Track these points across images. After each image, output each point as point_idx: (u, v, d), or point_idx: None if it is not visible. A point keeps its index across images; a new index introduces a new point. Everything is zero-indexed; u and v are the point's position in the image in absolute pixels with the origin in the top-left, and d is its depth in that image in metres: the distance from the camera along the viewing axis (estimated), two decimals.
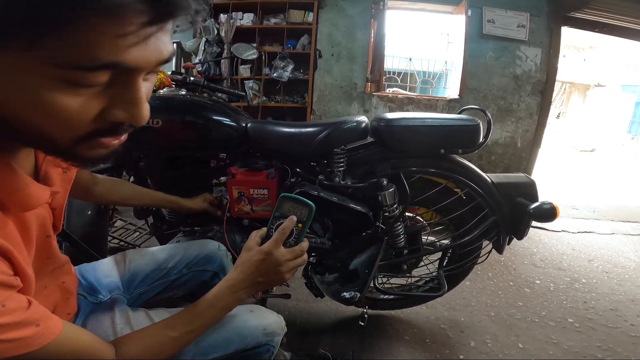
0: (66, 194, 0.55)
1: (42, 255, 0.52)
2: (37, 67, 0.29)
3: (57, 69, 0.29)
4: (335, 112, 3.32)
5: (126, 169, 1.27)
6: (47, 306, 0.56)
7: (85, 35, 0.27)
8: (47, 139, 0.34)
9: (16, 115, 0.32)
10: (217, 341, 0.68)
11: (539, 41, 3.06)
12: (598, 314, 1.63)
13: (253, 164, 1.10)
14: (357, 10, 3.18)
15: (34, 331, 0.42)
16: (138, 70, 0.33)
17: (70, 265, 0.66)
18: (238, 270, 0.61)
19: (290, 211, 0.63)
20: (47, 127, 0.33)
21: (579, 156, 7.38)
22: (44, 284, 0.56)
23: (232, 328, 0.70)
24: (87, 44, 0.28)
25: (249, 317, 0.73)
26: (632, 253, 2.37)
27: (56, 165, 0.51)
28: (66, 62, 0.29)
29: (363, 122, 1.06)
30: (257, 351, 0.74)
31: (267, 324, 0.74)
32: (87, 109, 0.33)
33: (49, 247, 0.54)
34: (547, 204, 1.00)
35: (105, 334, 0.64)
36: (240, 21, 3.17)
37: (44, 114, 0.32)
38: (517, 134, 3.22)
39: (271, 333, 0.74)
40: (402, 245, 1.17)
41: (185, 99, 1.12)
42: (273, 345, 0.75)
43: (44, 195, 0.45)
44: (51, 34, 0.27)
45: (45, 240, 0.52)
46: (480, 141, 1.06)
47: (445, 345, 1.38)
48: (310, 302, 1.56)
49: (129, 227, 2.16)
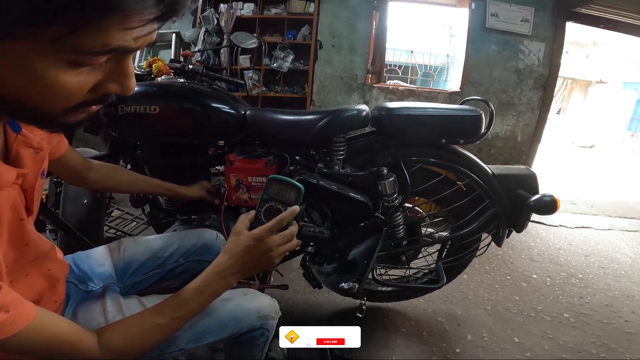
0: (38, 175, 0.53)
1: (18, 240, 0.50)
2: (46, 52, 0.31)
3: (67, 53, 0.31)
4: (335, 103, 3.29)
5: (123, 157, 1.25)
6: (30, 294, 0.55)
7: (101, 28, 0.30)
8: (39, 112, 0.36)
9: (14, 92, 0.34)
10: (211, 326, 0.68)
11: (543, 36, 3.03)
12: (593, 309, 1.64)
13: (252, 151, 1.09)
14: (359, 1, 3.14)
15: (3, 317, 0.40)
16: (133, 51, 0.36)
17: (55, 251, 0.64)
18: (227, 255, 0.59)
19: (278, 194, 0.61)
20: (44, 101, 0.35)
21: (578, 152, 7.39)
22: (25, 272, 0.55)
23: (226, 312, 0.70)
24: (100, 34, 0.31)
25: (242, 301, 0.73)
26: (629, 249, 2.38)
27: (27, 146, 0.49)
28: (78, 49, 0.31)
29: (364, 110, 1.04)
30: (252, 335, 0.74)
31: (261, 307, 0.74)
32: (84, 84, 0.36)
33: (25, 232, 0.52)
34: (548, 197, 0.99)
35: (97, 322, 0.63)
36: (241, 11, 3.11)
37: (44, 90, 0.34)
38: (517, 127, 3.21)
39: (265, 316, 0.74)
40: (402, 236, 1.17)
41: (183, 86, 1.10)
42: (267, 329, 0.75)
43: (10, 176, 0.45)
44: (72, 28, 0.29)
45: (19, 224, 0.50)
46: (482, 132, 1.05)
47: (442, 338, 1.38)
48: (308, 293, 1.56)
49: (126, 216, 2.15)
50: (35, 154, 0.51)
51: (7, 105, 0.35)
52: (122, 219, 2.12)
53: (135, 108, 0.97)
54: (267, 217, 0.60)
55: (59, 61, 0.32)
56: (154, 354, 0.63)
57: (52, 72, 0.32)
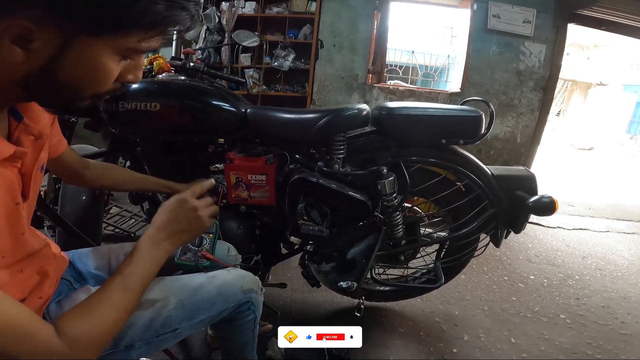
0: (36, 160, 0.54)
1: (14, 225, 0.50)
2: (111, 48, 0.43)
3: (124, 50, 0.44)
4: (335, 103, 3.29)
5: (122, 154, 1.25)
6: (22, 292, 0.55)
7: (153, 36, 0.44)
8: (76, 95, 0.45)
9: (67, 78, 0.42)
10: (201, 302, 0.71)
11: (544, 37, 3.03)
12: (590, 310, 1.64)
13: (252, 149, 1.09)
14: (360, 1, 3.14)
15: None
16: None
17: (50, 247, 0.64)
18: (154, 224, 0.61)
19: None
20: (88, 86, 0.45)
21: (577, 154, 7.40)
22: (20, 267, 0.54)
23: (213, 288, 0.73)
24: (151, 40, 0.44)
25: (227, 277, 0.77)
26: (626, 251, 2.39)
27: (28, 133, 0.52)
28: (134, 48, 0.44)
29: (364, 110, 1.04)
30: (240, 311, 0.77)
31: (243, 281, 0.78)
32: (117, 73, 0.46)
33: (20, 217, 0.51)
34: (547, 198, 1.00)
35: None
36: (242, 9, 3.11)
37: (96, 76, 0.44)
38: (517, 129, 3.21)
39: (249, 290, 0.78)
40: (400, 235, 1.17)
41: (184, 83, 1.10)
42: (253, 302, 0.79)
43: (7, 150, 0.47)
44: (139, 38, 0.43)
45: (15, 208, 0.50)
46: (482, 132, 1.05)
47: (438, 339, 1.38)
48: (306, 292, 1.56)
49: (125, 214, 2.15)
50: (35, 141, 0.53)
51: (52, 88, 0.43)
52: (121, 216, 2.12)
53: (136, 105, 0.97)
54: (193, 243, 0.74)
55: (115, 55, 0.44)
56: (150, 334, 0.65)
57: (108, 62, 0.43)
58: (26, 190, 0.53)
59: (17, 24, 0.36)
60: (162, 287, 0.70)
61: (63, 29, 0.39)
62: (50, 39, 0.39)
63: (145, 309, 0.65)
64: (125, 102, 0.97)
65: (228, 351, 0.91)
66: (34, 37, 0.38)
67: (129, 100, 0.97)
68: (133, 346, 0.63)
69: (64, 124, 1.12)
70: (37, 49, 0.39)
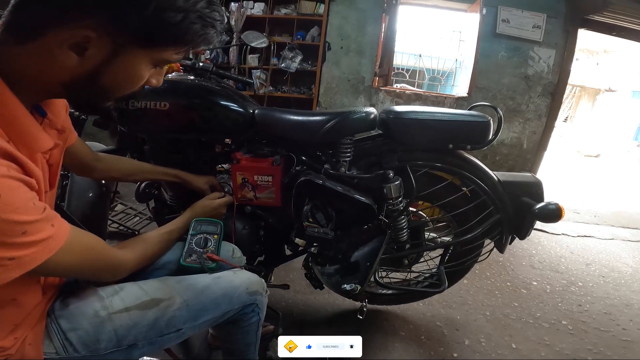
0: (62, 152, 0.60)
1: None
2: (149, 57, 0.49)
3: (160, 61, 0.51)
4: (341, 105, 3.30)
5: (130, 151, 1.26)
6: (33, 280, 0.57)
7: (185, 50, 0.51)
8: (110, 95, 0.51)
9: (107, 81, 0.47)
10: (206, 303, 0.71)
11: (554, 43, 3.01)
12: (592, 317, 1.63)
13: (258, 150, 1.09)
14: (369, 4, 3.14)
15: (51, 231, 0.44)
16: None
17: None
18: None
19: (203, 229, 0.86)
20: (124, 88, 0.51)
21: (583, 161, 7.34)
22: None
23: (219, 289, 0.74)
24: (181, 53, 0.51)
25: (233, 278, 0.77)
26: (630, 259, 2.37)
27: (52, 127, 0.56)
28: (167, 59, 0.51)
29: (372, 113, 1.05)
30: (244, 312, 0.78)
31: (249, 283, 0.78)
32: (146, 78, 0.52)
33: (50, 205, 0.55)
34: (553, 204, 0.99)
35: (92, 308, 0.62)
36: (251, 10, 3.13)
37: (132, 80, 0.50)
38: (524, 135, 3.20)
39: (254, 292, 0.78)
40: (405, 239, 1.17)
41: (193, 83, 1.11)
42: (257, 304, 0.79)
43: (49, 141, 0.51)
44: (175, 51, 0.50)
45: (45, 196, 0.53)
46: (489, 138, 1.05)
47: (440, 343, 1.38)
48: (309, 294, 1.56)
49: (129, 211, 2.17)
50: (59, 134, 0.58)
51: (91, 90, 0.48)
52: (125, 213, 2.14)
53: (145, 103, 0.99)
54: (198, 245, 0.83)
55: (150, 64, 0.50)
56: (154, 334, 0.66)
57: (144, 70, 0.50)
58: (52, 179, 0.57)
59: (80, 33, 0.41)
60: (168, 287, 0.70)
61: (117, 40, 0.44)
62: (104, 48, 0.44)
63: (149, 309, 0.65)
64: (135, 100, 0.99)
65: (230, 352, 0.91)
66: (90, 46, 0.43)
67: (139, 99, 0.99)
68: (136, 345, 0.64)
69: (74, 121, 1.13)
70: (90, 56, 0.44)
